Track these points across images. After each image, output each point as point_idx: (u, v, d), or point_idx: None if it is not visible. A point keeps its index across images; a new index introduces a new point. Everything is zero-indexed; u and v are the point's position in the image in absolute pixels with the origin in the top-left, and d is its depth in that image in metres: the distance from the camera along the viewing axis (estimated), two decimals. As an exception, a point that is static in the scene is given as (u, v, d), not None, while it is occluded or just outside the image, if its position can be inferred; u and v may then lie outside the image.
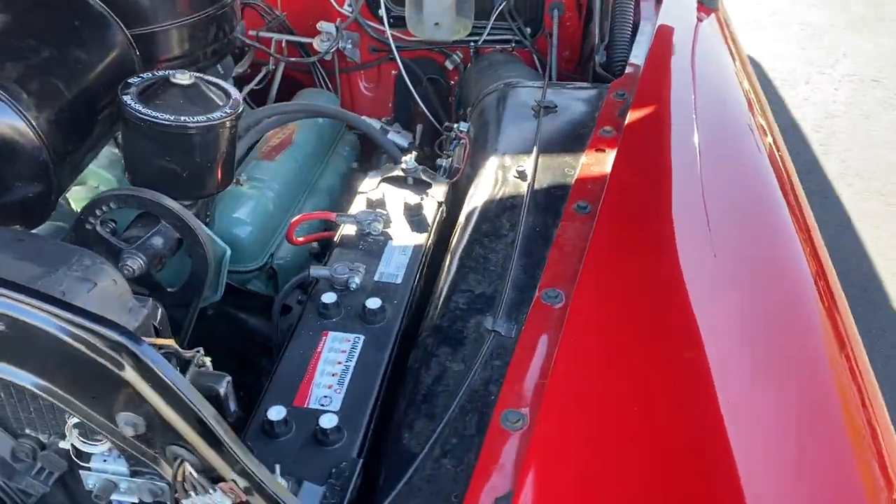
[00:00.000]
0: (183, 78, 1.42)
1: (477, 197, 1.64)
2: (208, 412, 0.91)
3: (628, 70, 2.04)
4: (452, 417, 1.16)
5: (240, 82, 2.32)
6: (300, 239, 1.65)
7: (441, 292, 1.40)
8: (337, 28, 2.30)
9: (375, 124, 2.10)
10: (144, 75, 1.47)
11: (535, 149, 1.73)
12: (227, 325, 1.76)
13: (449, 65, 2.49)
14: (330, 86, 2.50)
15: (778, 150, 1.83)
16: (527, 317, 1.30)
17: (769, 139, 1.86)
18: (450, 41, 2.35)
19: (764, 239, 1.52)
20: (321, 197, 2.06)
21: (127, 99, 1.38)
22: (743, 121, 1.88)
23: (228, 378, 1.07)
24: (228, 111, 1.42)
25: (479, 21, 2.41)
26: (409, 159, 1.72)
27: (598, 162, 1.67)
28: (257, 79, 2.30)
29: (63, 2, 1.46)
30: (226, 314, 1.74)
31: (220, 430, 0.91)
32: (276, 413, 1.15)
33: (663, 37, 2.18)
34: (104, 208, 1.40)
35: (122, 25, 1.52)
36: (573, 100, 1.97)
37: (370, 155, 2.34)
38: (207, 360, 1.11)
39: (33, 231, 1.51)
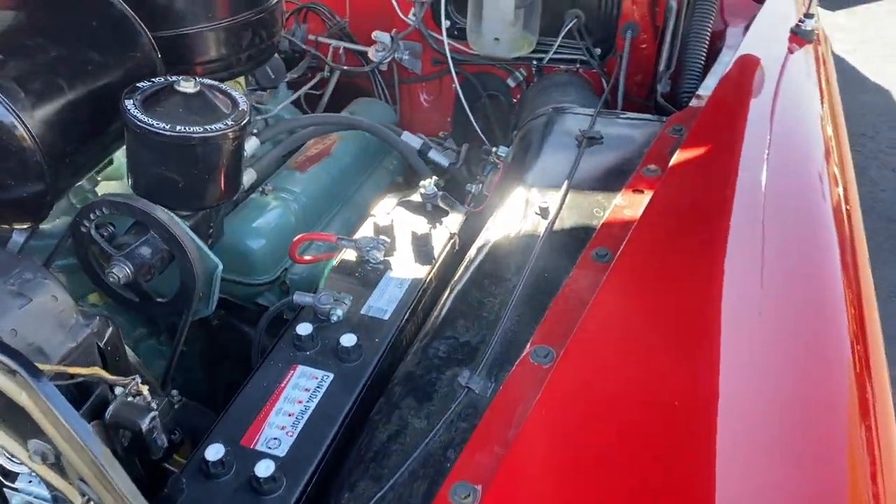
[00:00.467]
0: (188, 86, 1.38)
1: (491, 231, 1.53)
2: (98, 450, 0.85)
3: (693, 102, 1.87)
4: (399, 482, 1.06)
5: (297, 86, 2.30)
6: (307, 258, 1.59)
7: (426, 335, 1.30)
8: (392, 38, 2.23)
9: (416, 141, 2.01)
10: (155, 80, 1.44)
11: (565, 183, 1.59)
12: (231, 335, 1.72)
13: (511, 82, 2.37)
14: (387, 95, 2.43)
15: (847, 205, 1.61)
16: (508, 376, 1.18)
17: (839, 191, 1.64)
18: (509, 58, 2.23)
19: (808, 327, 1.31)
20: (355, 211, 2.00)
21: (128, 104, 1.35)
22: (812, 173, 1.66)
23: (154, 413, 1.01)
24: (229, 123, 1.37)
25: (546, 38, 2.27)
26: (427, 184, 1.62)
27: (633, 204, 1.51)
28: (309, 85, 2.27)
29: (85, 1, 1.45)
30: (230, 325, 1.71)
31: (109, 471, 0.85)
32: (213, 453, 1.08)
33: (742, 68, 1.99)
34: (98, 212, 1.38)
35: (145, 27, 1.50)
36: (624, 131, 1.82)
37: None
38: (144, 388, 1.06)
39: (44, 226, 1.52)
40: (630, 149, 1.74)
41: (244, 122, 1.40)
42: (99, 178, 1.65)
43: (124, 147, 1.42)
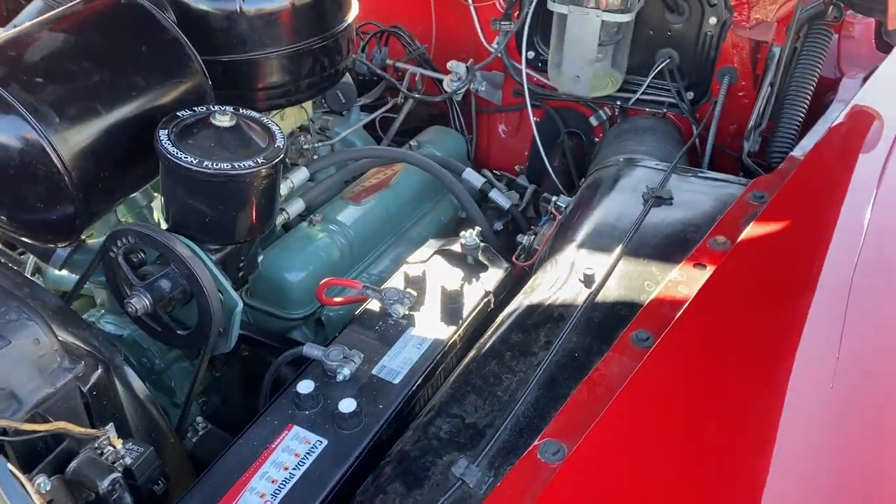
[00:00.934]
0: (223, 119, 1.34)
1: (526, 295, 1.41)
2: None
3: (784, 165, 1.67)
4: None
5: (372, 111, 2.25)
6: (336, 300, 1.52)
7: (431, 409, 1.20)
8: (468, 69, 2.14)
9: (478, 179, 1.91)
10: (197, 109, 1.41)
11: (619, 249, 1.45)
12: (261, 368, 1.68)
13: (594, 121, 2.22)
14: (463, 124, 2.34)
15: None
16: (510, 471, 1.07)
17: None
18: (589, 97, 2.09)
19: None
20: (408, 247, 1.92)
21: (162, 134, 1.32)
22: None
23: (115, 475, 0.96)
24: (260, 161, 1.32)
25: (634, 77, 2.12)
26: (468, 235, 1.52)
27: (690, 280, 1.35)
28: (382, 111, 2.21)
29: (137, 25, 1.44)
30: (260, 358, 1.66)
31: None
32: (182, 517, 1.03)
33: (851, 126, 1.77)
34: (124, 240, 1.37)
35: (195, 53, 1.47)
36: (700, 192, 1.65)
37: (481, 205, 2.16)
38: (118, 442, 1.02)
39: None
40: (703, 214, 1.57)
41: (277, 159, 1.35)
42: (155, 194, 1.65)
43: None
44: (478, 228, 1.55)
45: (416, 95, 2.21)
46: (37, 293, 1.31)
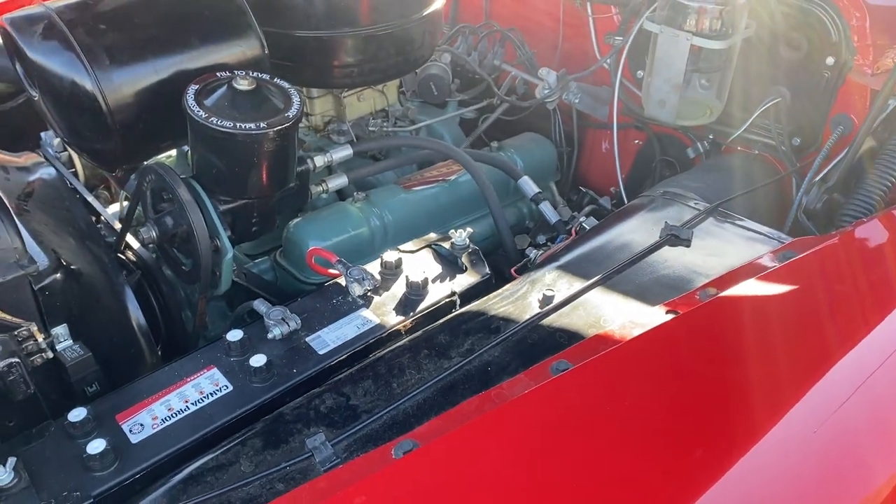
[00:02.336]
0: (243, 83, 1.46)
1: (481, 302, 1.38)
2: None
3: (839, 231, 1.47)
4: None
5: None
6: (319, 268, 1.59)
7: (327, 384, 1.23)
8: (558, 78, 2.09)
9: (530, 189, 1.87)
10: (235, 73, 1.55)
11: (596, 279, 1.37)
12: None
13: (691, 152, 2.07)
14: (562, 136, 2.29)
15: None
16: (357, 458, 1.08)
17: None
18: (675, 125, 1.95)
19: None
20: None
21: (191, 88, 1.47)
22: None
23: (12, 360, 1.11)
24: (262, 125, 1.42)
25: (737, 111, 1.95)
26: (460, 235, 1.51)
27: (652, 324, 1.25)
28: (471, 108, 2.24)
29: (208, -9, 1.60)
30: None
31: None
32: (75, 415, 1.17)
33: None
34: (151, 177, 1.54)
35: (256, 24, 1.61)
36: (729, 241, 1.50)
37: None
38: (40, 336, 1.18)
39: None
40: (718, 263, 1.43)
41: (282, 125, 1.44)
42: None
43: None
44: (469, 230, 1.53)
45: (509, 99, 2.20)
46: (71, 209, 1.53)
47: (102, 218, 1.79)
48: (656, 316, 1.26)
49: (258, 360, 1.25)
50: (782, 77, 1.86)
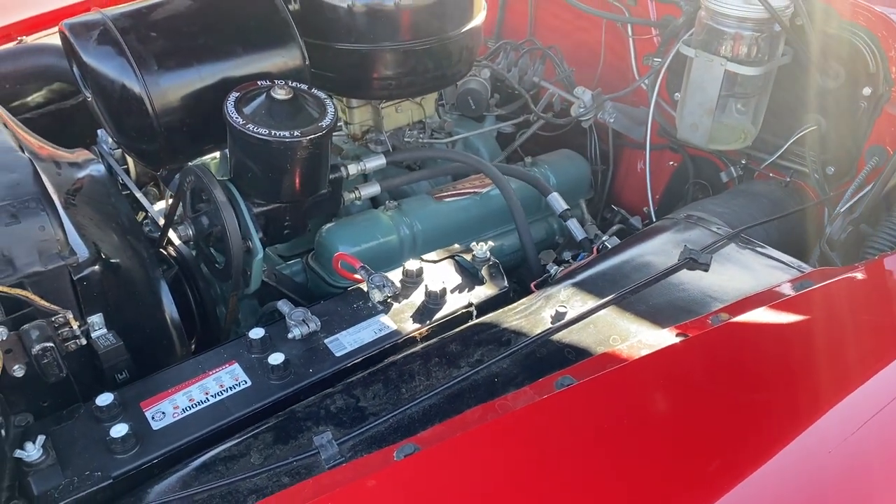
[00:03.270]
0: (280, 92, 1.53)
1: (496, 314, 1.41)
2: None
3: (863, 263, 1.46)
4: None
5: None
6: (345, 272, 1.64)
7: (342, 385, 1.28)
8: (594, 97, 2.11)
9: (558, 205, 1.90)
10: (276, 81, 1.61)
11: (610, 297, 1.39)
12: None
13: (724, 176, 2.07)
14: (597, 152, 2.31)
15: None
16: (361, 457, 1.13)
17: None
18: (707, 149, 1.96)
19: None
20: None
21: (231, 95, 1.55)
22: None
23: (46, 345, 1.19)
24: (296, 133, 1.49)
25: (773, 137, 1.94)
26: (481, 248, 1.55)
27: (659, 346, 1.27)
28: (512, 121, 2.27)
29: (254, 2, 1.67)
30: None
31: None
32: (102, 399, 1.24)
33: None
34: (190, 178, 1.62)
35: (298, 36, 1.68)
36: (749, 268, 1.50)
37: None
38: (75, 323, 1.25)
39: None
40: (735, 289, 1.43)
41: (313, 135, 1.50)
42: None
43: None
44: (490, 243, 1.57)
45: (545, 116, 2.23)
46: (116, 205, 1.61)
47: (149, 213, 1.89)
48: (666, 338, 1.28)
49: (276, 359, 1.31)
50: (818, 105, 1.85)
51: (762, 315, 1.30)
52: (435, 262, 1.59)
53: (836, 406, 1.16)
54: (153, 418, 1.25)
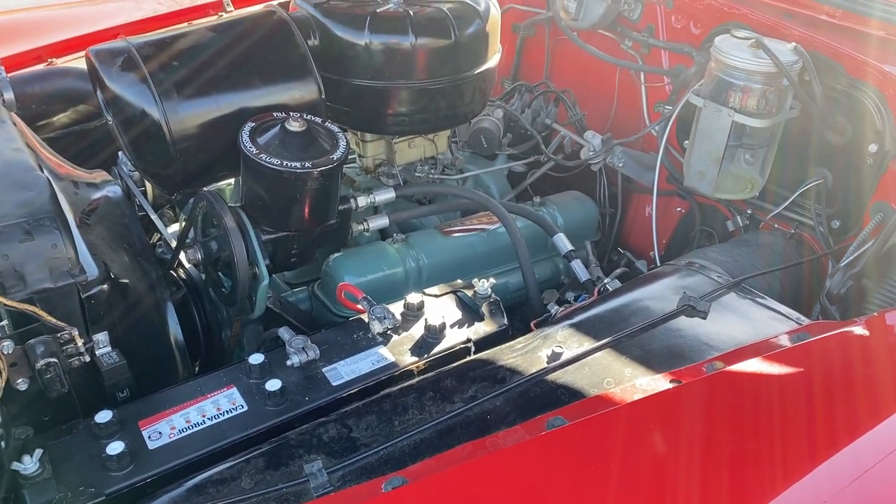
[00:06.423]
0: (294, 125, 1.57)
1: (493, 352, 1.43)
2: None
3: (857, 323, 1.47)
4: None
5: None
6: (347, 302, 1.66)
7: (335, 414, 1.30)
8: (603, 142, 2.14)
9: (563, 246, 1.92)
10: (291, 114, 1.66)
11: (607, 339, 1.41)
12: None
13: (730, 225, 2.09)
14: (606, 195, 2.33)
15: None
16: (352, 488, 1.14)
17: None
18: (713, 197, 1.98)
19: None
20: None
21: (247, 125, 1.59)
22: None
23: (50, 360, 1.22)
24: (307, 165, 1.53)
25: (779, 189, 1.96)
26: (482, 284, 1.57)
27: (654, 391, 1.28)
28: (523, 161, 2.31)
29: (274, 37, 1.73)
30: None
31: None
32: (101, 417, 1.26)
33: None
34: (203, 203, 1.66)
35: (316, 71, 1.72)
36: (748, 317, 1.51)
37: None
38: (80, 341, 1.28)
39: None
40: (732, 338, 1.44)
41: (324, 167, 1.54)
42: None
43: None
44: (492, 280, 1.59)
45: (555, 158, 2.27)
46: (129, 227, 1.65)
47: (162, 235, 1.93)
48: (659, 383, 1.29)
49: (273, 385, 1.33)
50: (825, 159, 1.87)
51: (757, 365, 1.31)
52: (437, 296, 1.61)
53: (829, 458, 1.16)
54: (150, 438, 1.28)
